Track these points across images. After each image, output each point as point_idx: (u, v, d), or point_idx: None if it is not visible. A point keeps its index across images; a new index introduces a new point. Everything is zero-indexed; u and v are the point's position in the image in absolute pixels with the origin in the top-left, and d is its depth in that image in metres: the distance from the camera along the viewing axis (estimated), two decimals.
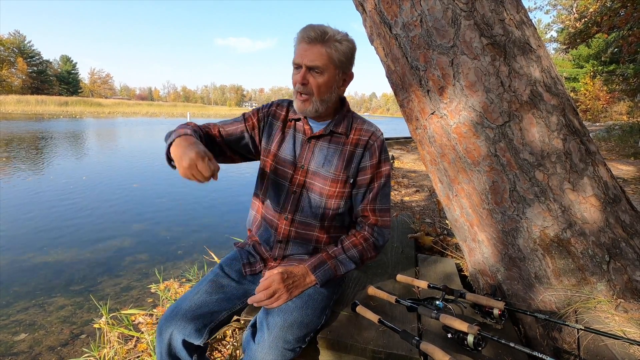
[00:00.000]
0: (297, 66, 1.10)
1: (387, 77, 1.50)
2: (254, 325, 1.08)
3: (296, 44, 1.10)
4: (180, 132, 1.01)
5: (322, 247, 1.19)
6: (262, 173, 1.25)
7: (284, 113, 1.24)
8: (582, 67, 26.09)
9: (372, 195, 1.18)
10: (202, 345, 1.09)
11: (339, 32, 1.08)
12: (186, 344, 1.06)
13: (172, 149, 0.96)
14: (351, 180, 1.17)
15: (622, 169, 6.70)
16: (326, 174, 1.16)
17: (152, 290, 2.51)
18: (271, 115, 1.24)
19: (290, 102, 1.26)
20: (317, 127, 1.20)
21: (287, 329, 0.98)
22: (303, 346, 1.02)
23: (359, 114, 1.25)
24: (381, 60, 1.48)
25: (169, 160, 1.01)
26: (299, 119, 1.21)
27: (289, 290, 1.05)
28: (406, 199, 4.71)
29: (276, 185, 1.20)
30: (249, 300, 1.04)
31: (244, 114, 1.26)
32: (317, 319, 1.06)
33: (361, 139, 1.18)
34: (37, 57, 67.21)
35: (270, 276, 1.05)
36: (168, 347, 1.06)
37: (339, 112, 1.20)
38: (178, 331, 1.04)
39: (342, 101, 1.22)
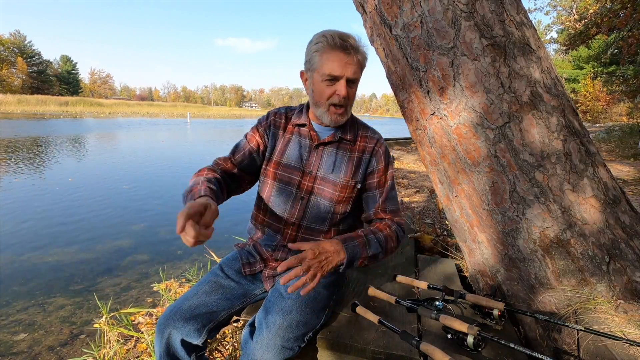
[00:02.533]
0: (333, 78, 1.05)
1: (388, 77, 1.50)
2: (252, 324, 1.08)
3: (324, 51, 1.04)
4: (194, 195, 0.93)
5: None
6: (264, 182, 1.24)
7: (283, 121, 1.25)
8: (582, 68, 26.10)
9: (382, 198, 1.21)
10: (200, 345, 1.09)
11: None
12: (185, 344, 1.07)
13: None
14: (359, 186, 1.20)
15: (622, 170, 6.71)
16: (335, 179, 1.18)
17: (155, 289, 2.51)
18: (272, 126, 1.24)
19: (287, 109, 1.27)
20: (325, 133, 1.20)
21: (286, 328, 0.98)
22: (302, 345, 1.02)
23: (359, 115, 1.26)
24: (381, 61, 1.48)
25: None
26: (303, 125, 1.21)
27: (322, 267, 0.94)
28: (406, 199, 4.71)
29: (282, 192, 1.20)
30: (282, 281, 0.86)
31: (245, 135, 1.25)
32: (316, 318, 1.06)
33: (367, 146, 1.21)
34: (37, 57, 67.16)
35: (301, 253, 0.94)
36: (167, 346, 1.06)
37: None
38: (176, 330, 1.04)
39: None
